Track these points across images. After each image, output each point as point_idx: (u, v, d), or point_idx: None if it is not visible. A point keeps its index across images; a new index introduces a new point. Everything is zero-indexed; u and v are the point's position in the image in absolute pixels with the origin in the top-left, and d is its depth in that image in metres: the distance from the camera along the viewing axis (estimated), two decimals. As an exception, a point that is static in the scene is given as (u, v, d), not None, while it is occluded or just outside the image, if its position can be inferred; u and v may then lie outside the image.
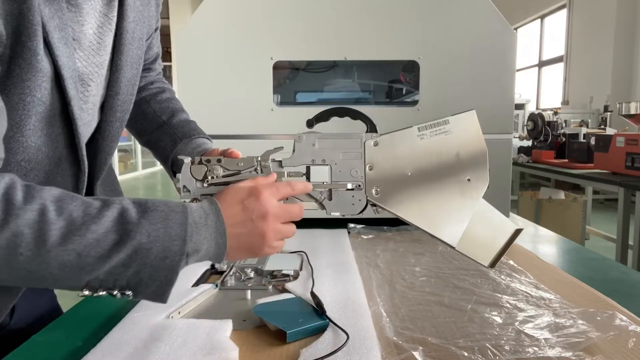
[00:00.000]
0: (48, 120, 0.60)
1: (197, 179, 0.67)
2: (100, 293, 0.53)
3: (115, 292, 0.53)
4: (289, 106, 1.52)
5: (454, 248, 0.65)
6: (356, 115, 0.71)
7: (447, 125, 0.66)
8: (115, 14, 0.67)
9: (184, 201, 0.62)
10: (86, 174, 0.68)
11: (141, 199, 0.56)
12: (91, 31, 0.64)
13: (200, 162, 0.67)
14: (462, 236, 0.65)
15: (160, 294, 0.54)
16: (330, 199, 0.68)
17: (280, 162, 0.68)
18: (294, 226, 0.64)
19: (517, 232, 0.66)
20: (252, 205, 0.59)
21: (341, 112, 0.72)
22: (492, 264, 0.65)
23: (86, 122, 0.69)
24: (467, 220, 0.65)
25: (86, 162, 0.68)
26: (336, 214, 0.68)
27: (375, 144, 0.68)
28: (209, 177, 0.67)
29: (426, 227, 0.65)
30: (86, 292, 0.53)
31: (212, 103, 1.32)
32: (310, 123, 0.72)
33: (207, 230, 0.56)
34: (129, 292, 0.53)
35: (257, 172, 0.67)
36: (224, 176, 0.67)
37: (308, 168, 0.68)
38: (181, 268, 0.54)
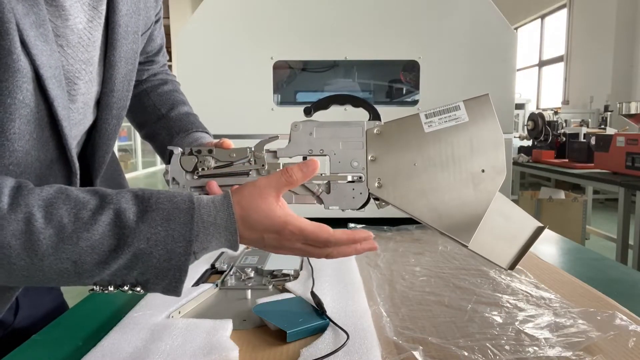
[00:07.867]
0: (37, 123, 0.56)
1: (186, 171, 0.64)
2: (110, 289, 0.52)
3: (125, 289, 0.52)
4: (289, 106, 1.52)
5: (466, 247, 0.59)
6: (358, 103, 0.67)
7: (458, 112, 0.61)
8: (104, 7, 0.63)
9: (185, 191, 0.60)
10: (78, 175, 0.66)
11: (145, 192, 0.52)
12: (81, 26, 0.60)
13: (190, 153, 0.64)
14: (476, 234, 0.59)
15: (171, 290, 0.52)
16: (328, 192, 0.63)
17: (275, 152, 0.64)
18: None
19: (540, 229, 0.61)
20: (271, 242, 0.56)
21: (341, 100, 0.67)
22: (512, 266, 0.60)
23: (77, 122, 0.66)
24: (481, 216, 0.59)
25: (77, 164, 0.64)
26: (335, 209, 0.64)
27: (378, 133, 0.63)
28: (200, 169, 0.64)
29: (435, 224, 0.60)
30: (96, 289, 0.52)
31: (212, 103, 1.32)
32: (308, 111, 0.67)
33: (216, 229, 0.52)
34: (139, 289, 0.52)
35: (250, 164, 0.64)
36: (215, 167, 0.64)
37: (305, 159, 0.64)
38: (190, 264, 0.52)
